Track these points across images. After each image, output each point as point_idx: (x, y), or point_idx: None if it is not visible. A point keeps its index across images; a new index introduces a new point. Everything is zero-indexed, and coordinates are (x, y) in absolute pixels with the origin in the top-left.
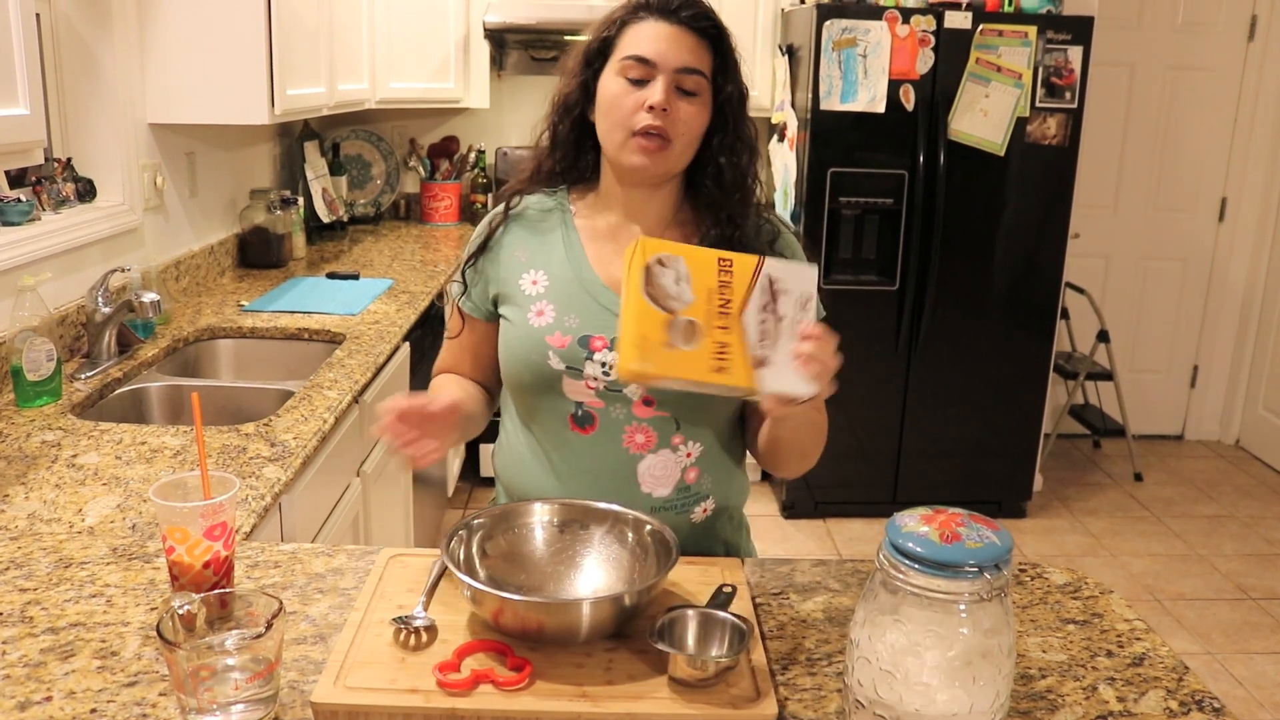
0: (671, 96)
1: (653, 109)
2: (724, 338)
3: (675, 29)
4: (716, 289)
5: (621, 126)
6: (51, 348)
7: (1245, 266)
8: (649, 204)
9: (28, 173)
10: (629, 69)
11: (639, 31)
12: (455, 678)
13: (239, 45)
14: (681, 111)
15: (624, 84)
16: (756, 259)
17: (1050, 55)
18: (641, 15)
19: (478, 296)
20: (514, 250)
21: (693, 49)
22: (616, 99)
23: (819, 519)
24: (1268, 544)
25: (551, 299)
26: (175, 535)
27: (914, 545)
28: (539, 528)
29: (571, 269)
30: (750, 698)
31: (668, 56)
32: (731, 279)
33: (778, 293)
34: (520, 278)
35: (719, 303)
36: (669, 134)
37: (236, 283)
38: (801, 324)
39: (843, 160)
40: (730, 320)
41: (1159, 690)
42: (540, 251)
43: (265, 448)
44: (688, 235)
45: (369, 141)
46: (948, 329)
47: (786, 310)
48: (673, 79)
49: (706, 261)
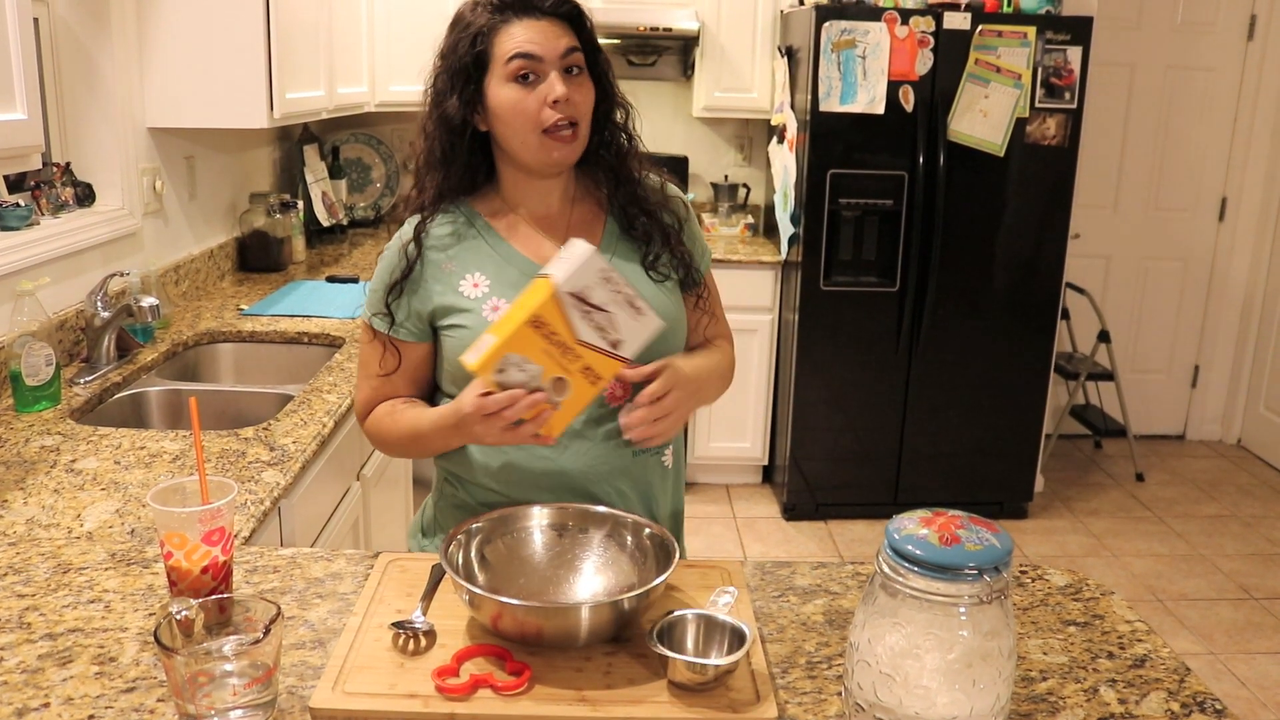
0: (566, 83)
1: (558, 103)
2: (584, 362)
3: (543, 21)
4: (547, 343)
5: (531, 128)
6: (50, 352)
7: (1246, 266)
8: (553, 189)
9: (26, 177)
10: (517, 70)
11: (511, 34)
12: (454, 682)
13: (238, 49)
14: (578, 94)
15: (516, 87)
16: (547, 288)
17: (1049, 56)
18: (507, 18)
19: (411, 323)
20: (439, 266)
21: (564, 33)
22: (517, 103)
23: (820, 521)
24: (1270, 544)
25: (499, 293)
26: (173, 540)
27: (913, 548)
28: (537, 531)
29: (506, 262)
30: (750, 701)
31: (549, 47)
32: (547, 322)
33: (581, 293)
34: (459, 285)
35: (558, 348)
36: (575, 118)
37: (236, 287)
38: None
39: (842, 162)
40: (576, 348)
41: (1160, 692)
42: (467, 258)
43: (264, 452)
44: (594, 206)
45: (368, 145)
46: (948, 330)
47: (600, 296)
48: (560, 65)
49: (523, 334)
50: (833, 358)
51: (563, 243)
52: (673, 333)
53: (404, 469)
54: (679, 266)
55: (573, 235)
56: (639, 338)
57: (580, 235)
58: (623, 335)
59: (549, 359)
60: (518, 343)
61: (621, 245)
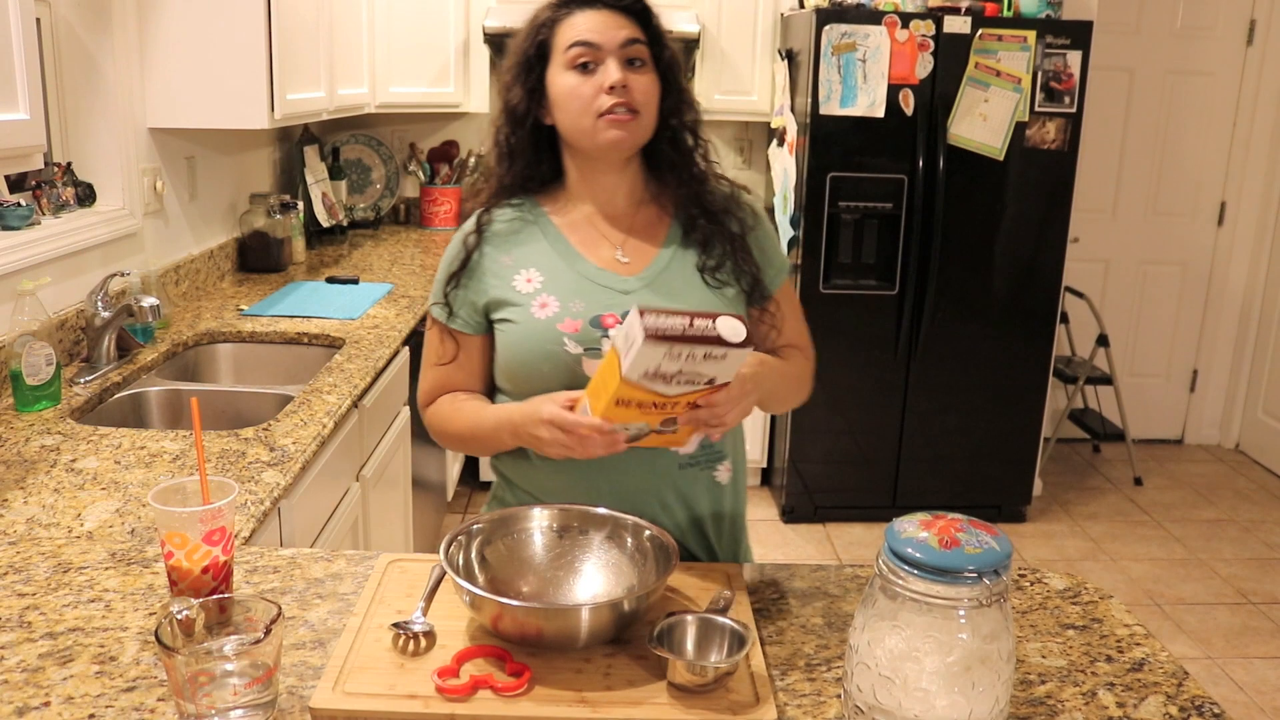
0: (625, 71)
1: (613, 89)
2: (685, 401)
3: (605, 12)
4: (639, 408)
5: (587, 113)
6: (51, 352)
7: (1245, 270)
8: (618, 188)
9: (27, 177)
10: (576, 57)
11: (573, 24)
12: (454, 683)
13: (239, 49)
14: (637, 82)
15: (575, 74)
16: (616, 375)
17: (1049, 60)
18: (570, 9)
19: (466, 313)
20: (496, 259)
21: (626, 24)
22: (574, 89)
23: (819, 524)
24: (1268, 548)
25: (551, 291)
26: (174, 540)
27: (913, 551)
28: (538, 533)
29: (562, 260)
30: (749, 703)
31: (609, 36)
32: (630, 398)
33: (650, 372)
34: (512, 279)
35: (653, 406)
36: (634, 105)
37: (236, 287)
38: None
39: (842, 165)
40: (669, 401)
41: (1159, 695)
42: (525, 253)
43: (264, 452)
44: (659, 210)
45: (369, 146)
46: (947, 333)
47: (672, 366)
48: (620, 55)
49: (612, 411)
50: (832, 361)
51: (625, 244)
52: None
53: (403, 470)
54: (742, 277)
55: (635, 237)
56: (732, 369)
57: (643, 238)
58: (714, 374)
59: (648, 414)
60: (613, 417)
61: (682, 251)
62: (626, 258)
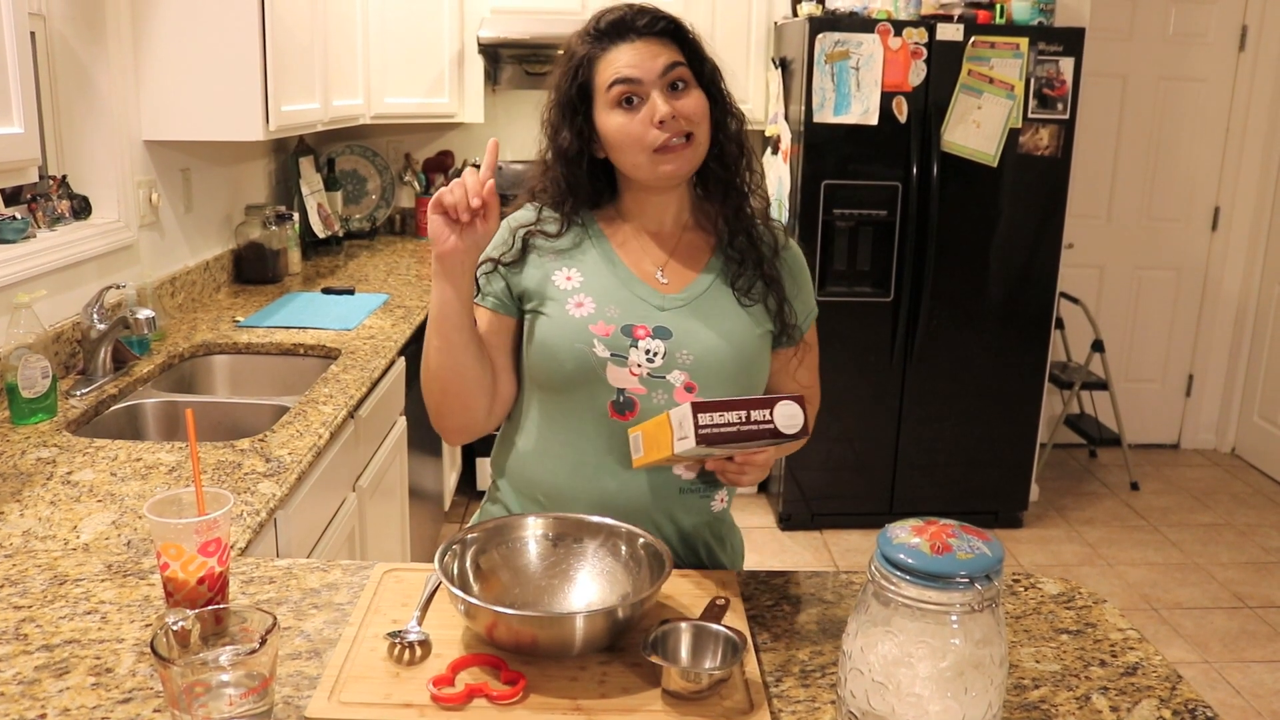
0: (670, 100)
1: (663, 123)
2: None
3: (640, 42)
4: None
5: (641, 150)
6: (46, 365)
7: (1239, 275)
8: (666, 209)
9: (23, 190)
10: (619, 95)
11: (609, 61)
12: (449, 692)
13: (233, 61)
14: (684, 107)
15: (621, 113)
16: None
17: (1042, 66)
18: (604, 46)
19: (499, 293)
20: (541, 253)
21: (663, 49)
22: (624, 128)
23: (815, 530)
24: (1264, 552)
25: (589, 292)
26: (170, 551)
27: (905, 556)
28: (532, 541)
29: (605, 265)
30: (744, 710)
31: (647, 68)
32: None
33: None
34: (553, 274)
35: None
36: (686, 130)
37: (232, 298)
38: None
39: (836, 172)
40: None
41: (1152, 700)
42: (569, 253)
43: (260, 463)
44: (704, 236)
45: (364, 157)
46: (942, 340)
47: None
48: (662, 84)
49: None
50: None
51: (667, 266)
52: (750, 366)
53: (400, 480)
54: (774, 319)
55: (677, 260)
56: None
57: (684, 261)
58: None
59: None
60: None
61: (722, 278)
62: (666, 279)
